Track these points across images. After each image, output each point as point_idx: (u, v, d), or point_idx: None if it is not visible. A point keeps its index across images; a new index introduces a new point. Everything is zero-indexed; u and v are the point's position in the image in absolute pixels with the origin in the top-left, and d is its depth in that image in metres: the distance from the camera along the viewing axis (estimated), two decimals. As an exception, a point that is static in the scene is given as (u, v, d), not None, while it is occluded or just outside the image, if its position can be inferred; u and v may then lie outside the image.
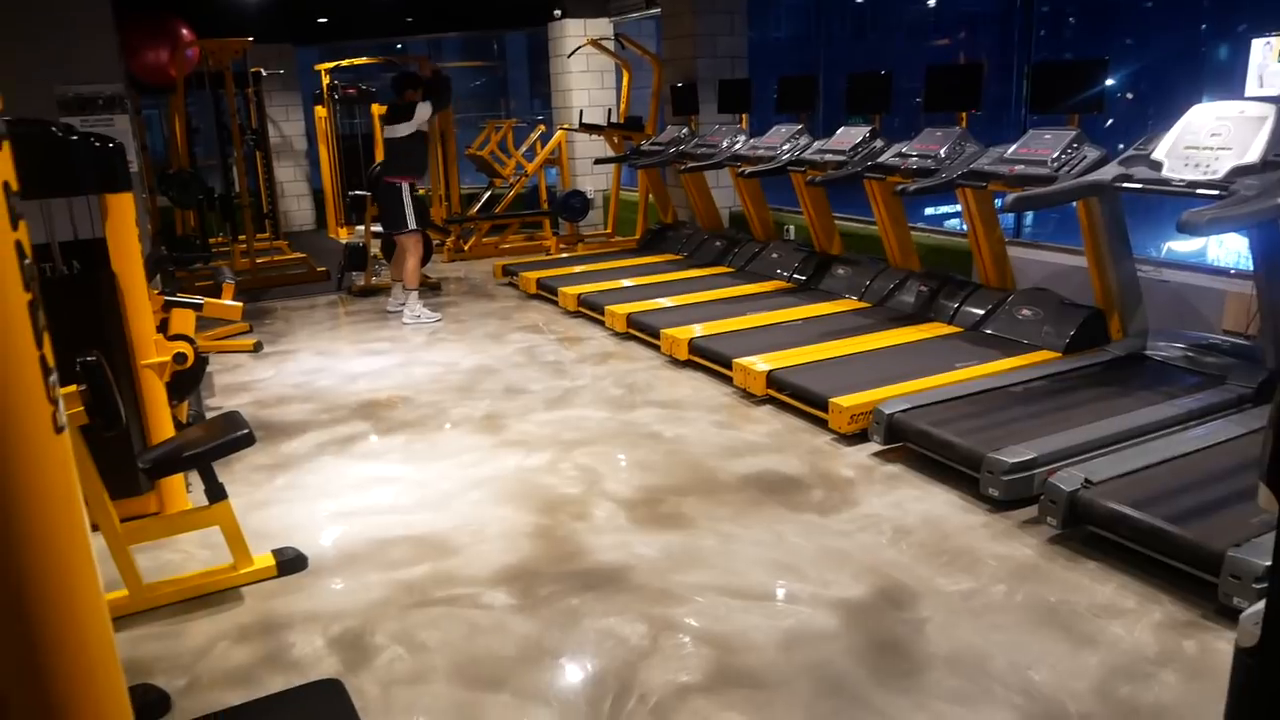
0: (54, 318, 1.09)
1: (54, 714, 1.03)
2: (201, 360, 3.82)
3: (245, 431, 3.14)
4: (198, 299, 4.24)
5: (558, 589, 3.18)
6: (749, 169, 6.82)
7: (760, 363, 5.04)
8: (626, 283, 7.60)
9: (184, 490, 3.84)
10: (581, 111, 10.66)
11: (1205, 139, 4.00)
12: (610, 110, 10.58)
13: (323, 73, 11.58)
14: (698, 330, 5.84)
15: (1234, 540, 2.84)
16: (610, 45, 10.35)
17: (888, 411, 4.17)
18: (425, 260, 8.80)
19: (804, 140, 6.79)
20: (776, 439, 4.50)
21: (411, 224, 7.29)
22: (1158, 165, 4.12)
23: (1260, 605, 1.40)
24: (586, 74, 11.29)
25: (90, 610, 1.06)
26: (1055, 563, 3.25)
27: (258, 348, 6.51)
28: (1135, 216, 4.88)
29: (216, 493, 3.16)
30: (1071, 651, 2.73)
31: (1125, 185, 4.23)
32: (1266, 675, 1.42)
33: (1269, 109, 3.85)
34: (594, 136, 10.14)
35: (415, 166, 7.45)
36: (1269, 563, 2.62)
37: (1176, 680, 2.59)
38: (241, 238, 9.53)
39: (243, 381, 5.84)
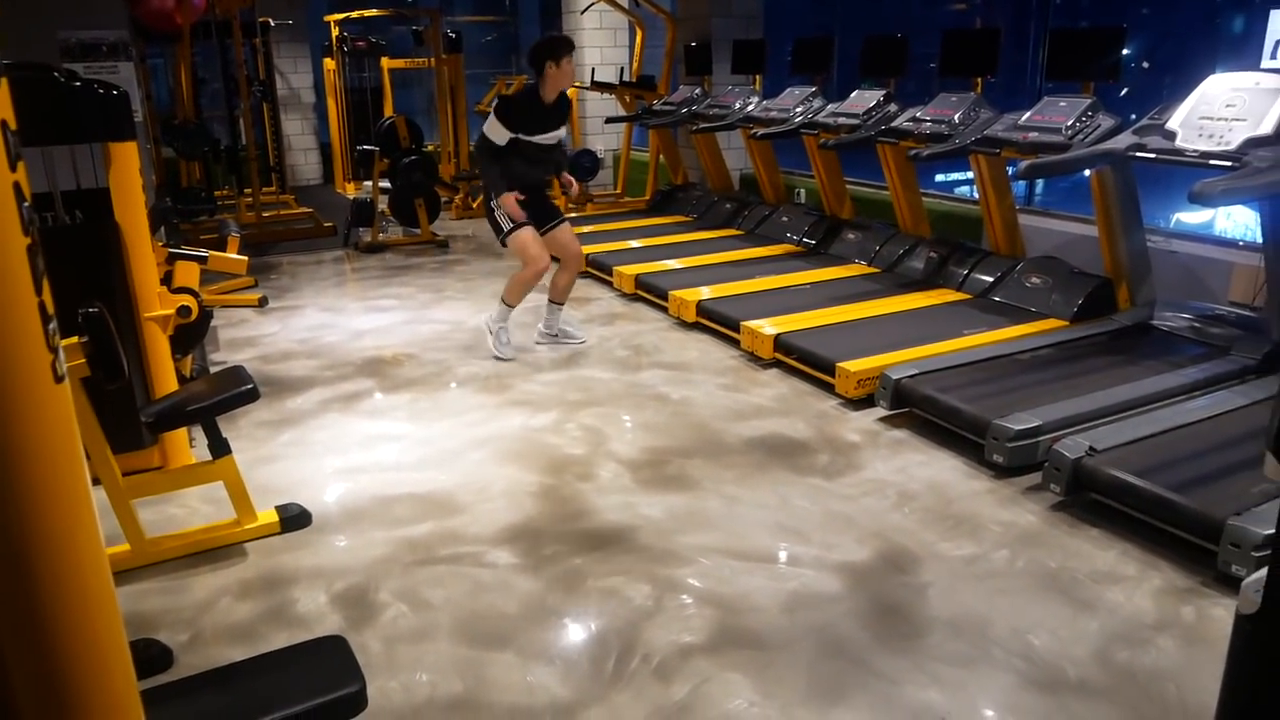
0: (55, 268, 1.08)
1: (55, 668, 1.04)
2: (206, 314, 3.81)
3: (249, 386, 3.13)
4: (202, 252, 4.22)
5: (562, 548, 3.20)
6: (761, 131, 6.76)
7: (768, 326, 5.02)
8: (635, 243, 7.56)
9: (187, 445, 3.85)
10: (594, 69, 10.54)
11: (1220, 110, 3.95)
12: (622, 69, 10.47)
13: (332, 24, 11.46)
14: (706, 292, 5.82)
15: (1234, 509, 2.84)
16: (624, 2, 10.22)
17: (894, 377, 4.16)
18: (432, 218, 8.77)
19: (817, 103, 6.72)
20: (783, 402, 4.50)
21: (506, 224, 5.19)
22: (1172, 135, 4.08)
23: (1262, 573, 1.40)
24: (599, 31, 11.16)
25: (91, 564, 1.05)
26: (1058, 529, 3.25)
27: (263, 302, 6.51)
28: (1145, 186, 4.84)
29: (220, 448, 3.16)
30: (1072, 617, 2.74)
31: (1139, 154, 4.18)
32: (1267, 642, 1.42)
33: (1285, 80, 3.80)
34: (605, 95, 10.04)
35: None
36: (1269, 531, 2.63)
37: (1174, 646, 2.60)
38: (247, 191, 9.48)
39: (248, 336, 5.84)
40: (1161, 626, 2.69)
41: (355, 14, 11.10)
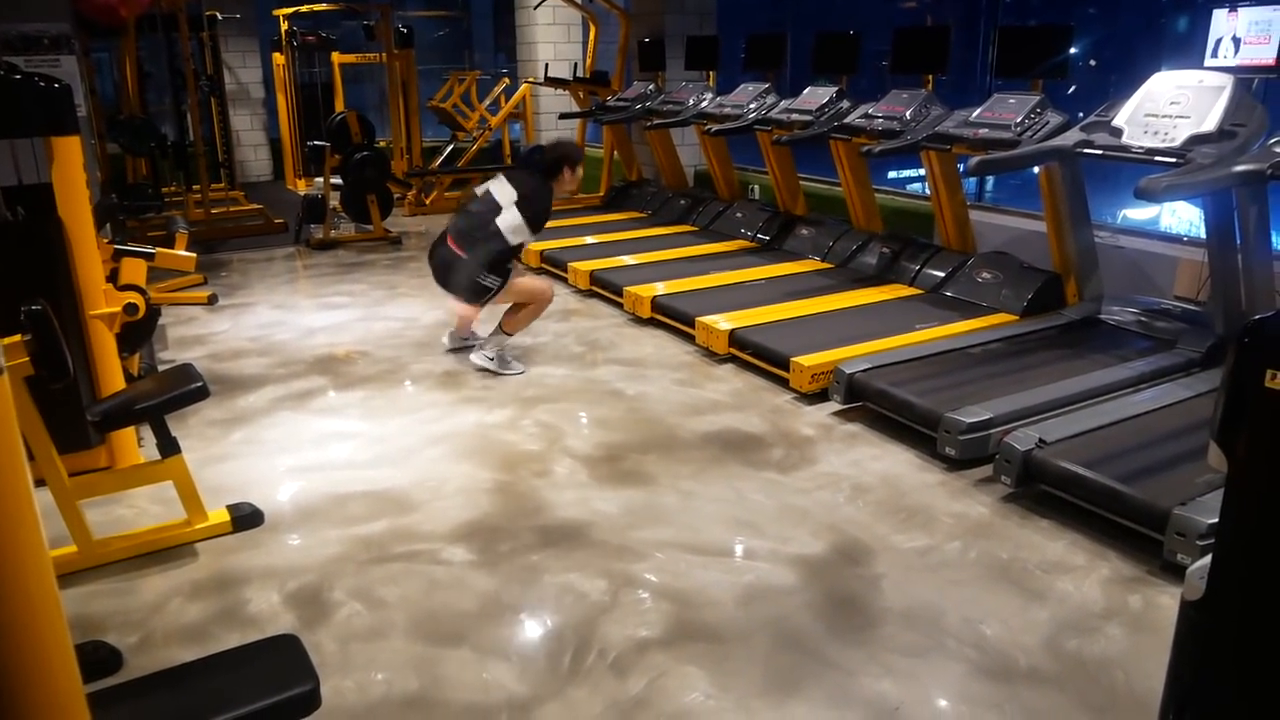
0: (-5, 261, 1.05)
1: (-4, 671, 1.01)
2: (153, 312, 3.75)
3: (199, 384, 3.08)
4: (149, 249, 4.15)
5: (518, 545, 3.18)
6: (715, 127, 6.78)
7: (723, 322, 5.04)
8: (590, 240, 7.55)
9: (135, 444, 3.78)
10: (547, 65, 10.50)
11: (1165, 107, 4.03)
12: (576, 64, 10.45)
13: (281, 18, 11.29)
14: (660, 288, 5.83)
15: (1180, 499, 2.91)
16: (577, -2, 10.20)
17: (848, 371, 4.20)
18: (385, 214, 8.68)
19: (770, 99, 6.75)
20: (738, 397, 4.52)
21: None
22: (1118, 132, 4.16)
23: (1207, 560, 1.44)
24: (553, 27, 11.13)
25: (33, 566, 1.03)
26: (1009, 520, 3.30)
27: (213, 300, 6.40)
28: (1093, 183, 4.93)
29: (169, 447, 3.10)
30: (1022, 606, 2.79)
31: (1086, 150, 4.26)
32: (1211, 628, 1.45)
33: (1226, 79, 3.89)
34: (559, 91, 10.01)
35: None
36: (1213, 520, 2.69)
37: (1122, 634, 2.65)
38: (196, 187, 9.32)
39: (197, 334, 5.74)
40: (1110, 615, 2.75)
41: (304, 8, 10.95)
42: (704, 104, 7.38)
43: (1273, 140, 3.69)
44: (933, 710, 2.37)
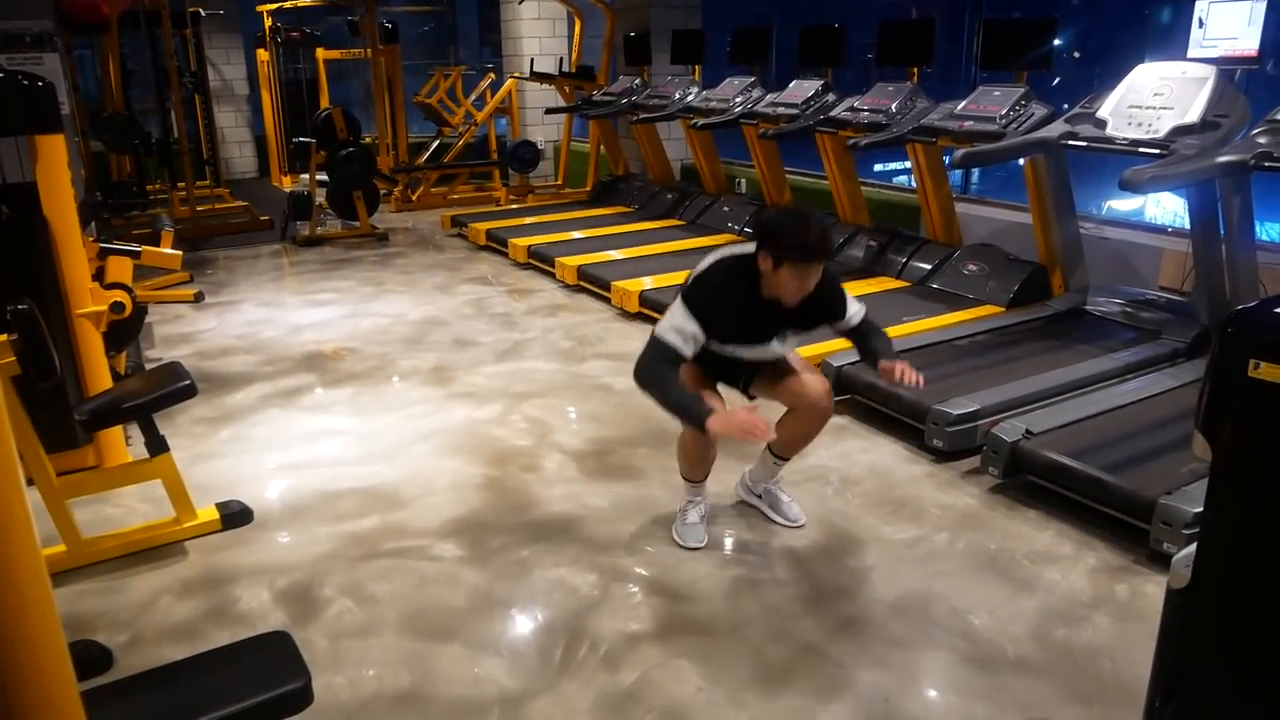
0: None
1: (-9, 670, 1.01)
2: (140, 310, 3.73)
3: (187, 383, 3.07)
4: (135, 247, 4.13)
5: (508, 540, 3.19)
6: (701, 121, 6.78)
7: (710, 316, 5.04)
8: (577, 235, 7.55)
9: (123, 443, 3.77)
10: (532, 60, 10.48)
11: (1148, 99, 4.06)
12: (562, 59, 10.42)
13: (265, 14, 11.23)
14: (648, 283, 5.83)
15: (1165, 488, 2.93)
16: (561, -8, 10.18)
17: (835, 364, 4.21)
18: (371, 210, 8.65)
19: (756, 93, 6.76)
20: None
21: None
22: (1102, 123, 4.18)
23: (1192, 549, 1.45)
24: (538, 21, 11.09)
25: (27, 566, 1.03)
26: (996, 511, 3.32)
27: (199, 298, 6.37)
28: (1078, 174, 4.95)
29: (158, 445, 3.09)
30: (1010, 596, 2.81)
31: (1071, 142, 4.28)
32: (1196, 615, 1.47)
33: (1209, 70, 3.91)
34: (545, 86, 9.98)
35: None
36: (1198, 509, 2.72)
37: (1109, 623, 2.67)
38: (180, 184, 9.26)
39: (184, 333, 5.71)
40: (1097, 604, 2.77)
41: (288, 4, 10.89)
42: (690, 98, 7.39)
43: (1255, 131, 3.72)
44: (922, 700, 2.39)
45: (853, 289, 5.55)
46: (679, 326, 2.77)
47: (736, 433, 2.67)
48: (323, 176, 8.69)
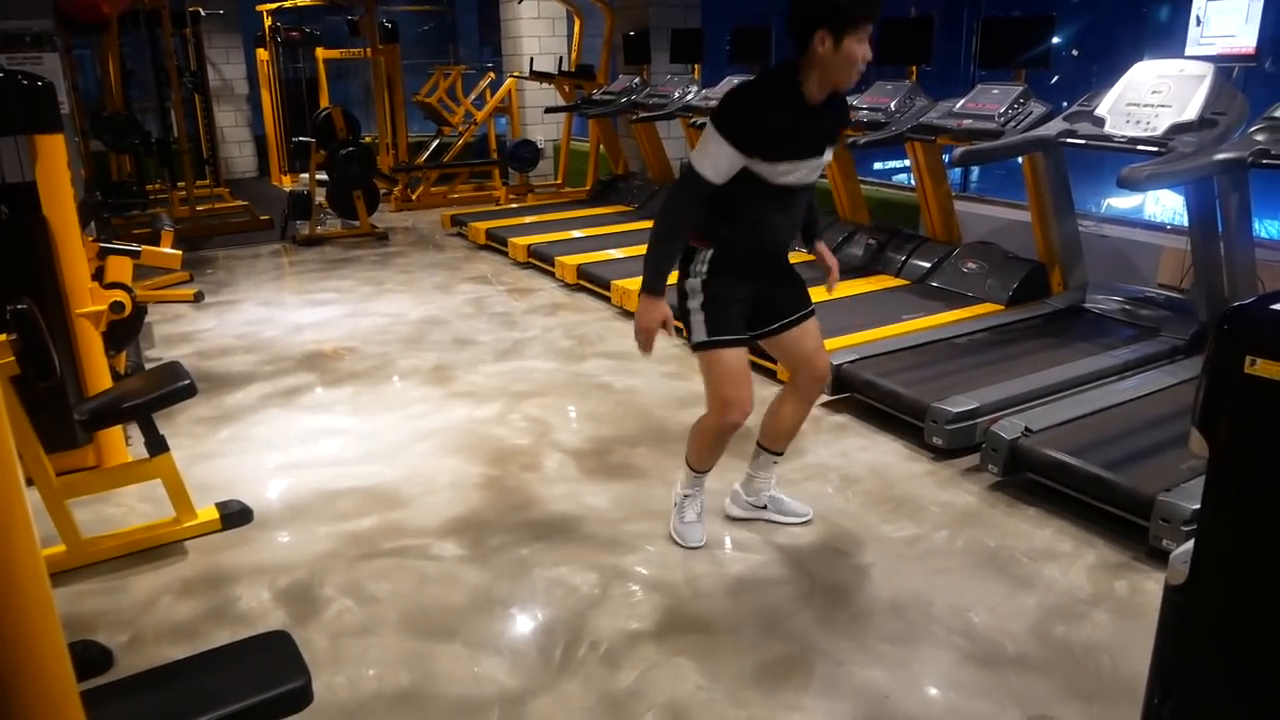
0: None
1: (-9, 671, 1.01)
2: (139, 310, 3.73)
3: (186, 382, 3.07)
4: (135, 246, 4.14)
5: (508, 539, 3.19)
6: (700, 120, 6.78)
7: (710, 314, 5.04)
8: (577, 234, 7.55)
9: (123, 443, 3.77)
10: (532, 59, 10.49)
11: (1146, 96, 4.06)
12: (561, 58, 10.42)
13: (265, 14, 11.24)
14: (648, 282, 5.82)
15: (1164, 485, 2.93)
16: (561, -9, 10.18)
17: (835, 362, 4.20)
18: (371, 210, 8.66)
19: (755, 91, 6.74)
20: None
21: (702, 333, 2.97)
22: (1101, 121, 4.18)
23: (1189, 545, 1.45)
24: (538, 20, 11.10)
25: (27, 566, 1.03)
26: (996, 509, 3.33)
27: (199, 297, 6.38)
28: (1076, 172, 4.95)
29: (157, 445, 3.09)
30: (1010, 594, 2.81)
31: (1069, 140, 4.28)
32: (1194, 611, 1.47)
33: (1207, 68, 3.91)
34: (544, 85, 9.99)
35: None
36: (1197, 506, 2.72)
37: (1108, 620, 2.68)
38: (180, 184, 9.27)
39: (184, 332, 5.72)
40: (1096, 601, 2.77)
41: (288, 3, 10.90)
42: (689, 97, 7.39)
43: (1253, 128, 3.72)
44: (922, 698, 2.39)
45: (852, 287, 5.61)
46: (713, 154, 2.62)
47: (645, 323, 2.79)
48: (322, 176, 8.70)
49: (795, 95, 2.64)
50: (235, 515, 3.31)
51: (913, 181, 6.10)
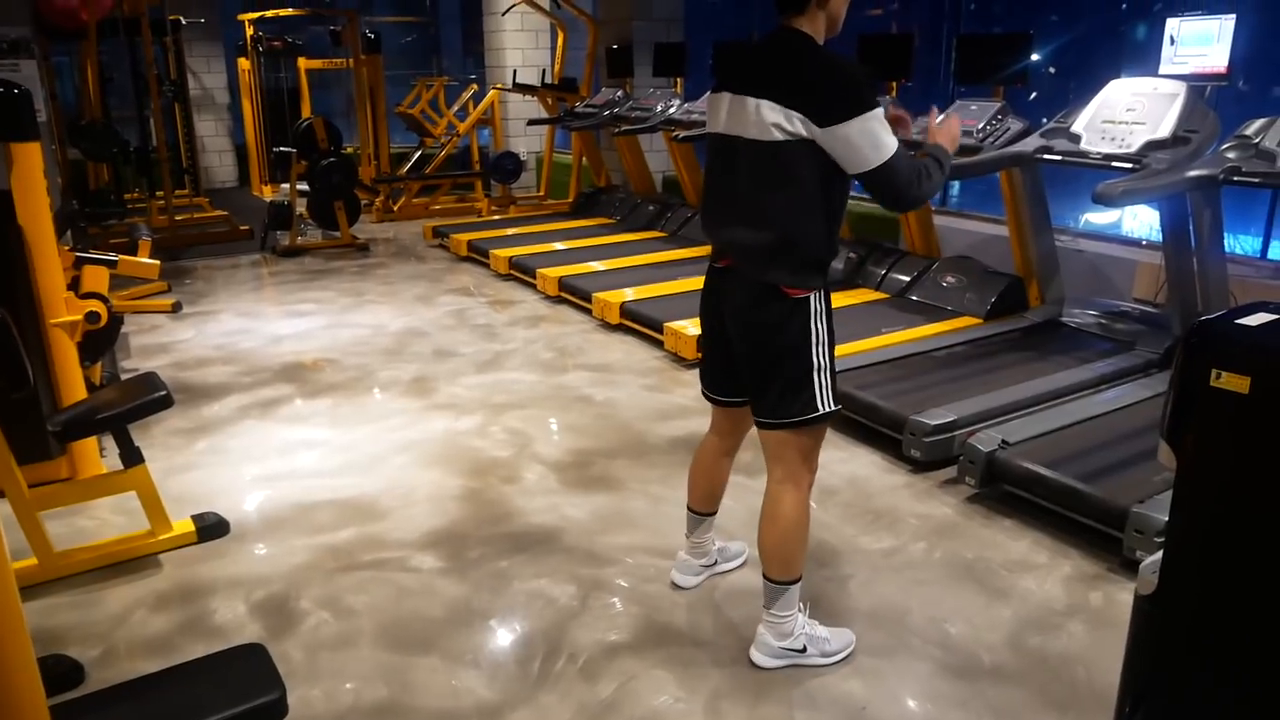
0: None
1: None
2: (115, 320, 3.70)
3: (163, 393, 3.05)
4: (111, 256, 4.11)
5: (487, 551, 3.18)
6: (683, 133, 6.80)
7: (691, 327, 5.06)
8: (559, 246, 7.56)
9: (98, 455, 3.73)
10: (515, 71, 10.51)
11: (1121, 114, 4.11)
12: (544, 71, 10.45)
13: (246, 23, 11.21)
14: (629, 294, 5.84)
15: (1138, 497, 2.96)
16: (545, 4, 10.20)
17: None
18: (352, 220, 8.63)
19: (736, 105, 6.78)
20: (705, 403, 4.52)
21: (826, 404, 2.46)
22: (1077, 138, 4.23)
23: (1159, 555, 1.47)
24: (521, 33, 11.12)
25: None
26: (973, 521, 3.35)
27: (177, 308, 6.33)
28: (1053, 188, 5.00)
29: (132, 457, 3.07)
30: (986, 605, 2.82)
31: (1046, 156, 4.33)
32: (1163, 620, 1.49)
33: (1180, 86, 3.97)
34: (527, 97, 10.02)
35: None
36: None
37: (1083, 630, 2.70)
38: (159, 193, 9.22)
39: (161, 343, 5.68)
40: (1071, 612, 2.79)
41: (270, 13, 10.87)
42: (672, 110, 7.42)
43: (1224, 146, 3.77)
44: (899, 709, 2.40)
45: (832, 301, 5.60)
46: (885, 126, 2.55)
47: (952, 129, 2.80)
48: (303, 186, 8.67)
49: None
50: (211, 528, 3.29)
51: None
